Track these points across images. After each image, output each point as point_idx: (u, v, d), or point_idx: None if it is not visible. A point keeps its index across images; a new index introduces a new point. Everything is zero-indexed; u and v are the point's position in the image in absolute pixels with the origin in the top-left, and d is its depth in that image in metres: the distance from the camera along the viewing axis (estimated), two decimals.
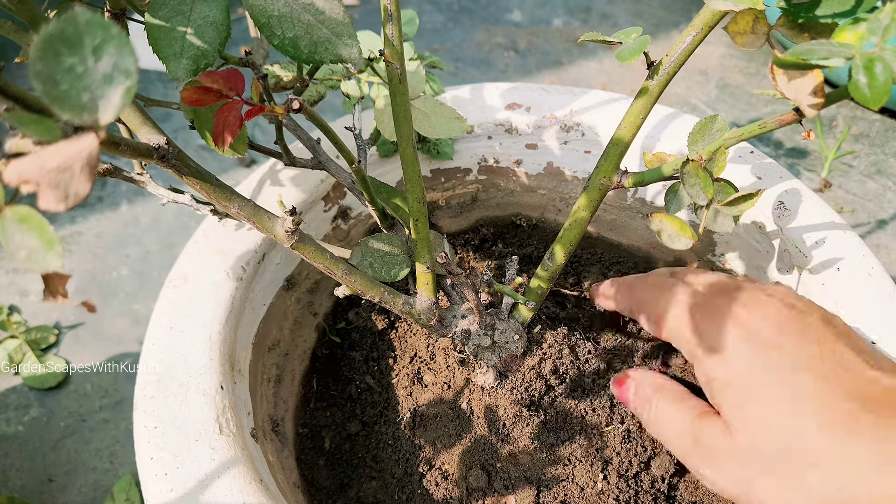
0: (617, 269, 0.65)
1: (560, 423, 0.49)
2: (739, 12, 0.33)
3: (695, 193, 0.37)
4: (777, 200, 0.51)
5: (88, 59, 0.20)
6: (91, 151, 0.20)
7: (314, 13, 0.34)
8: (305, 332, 0.59)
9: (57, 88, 0.19)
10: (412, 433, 0.54)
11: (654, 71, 0.39)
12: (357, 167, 0.40)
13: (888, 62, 0.27)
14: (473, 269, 0.41)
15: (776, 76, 0.32)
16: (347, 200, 0.59)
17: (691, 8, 1.29)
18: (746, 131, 0.36)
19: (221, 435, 0.41)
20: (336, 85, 0.50)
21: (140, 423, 0.42)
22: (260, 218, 0.38)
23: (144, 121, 0.35)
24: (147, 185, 0.46)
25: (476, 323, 0.47)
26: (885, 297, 0.46)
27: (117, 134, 0.32)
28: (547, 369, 0.49)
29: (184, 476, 0.39)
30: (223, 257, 0.49)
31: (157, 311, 0.47)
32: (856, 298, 0.46)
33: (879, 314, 0.45)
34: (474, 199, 0.65)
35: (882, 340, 0.44)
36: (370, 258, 0.45)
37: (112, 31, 0.20)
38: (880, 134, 1.04)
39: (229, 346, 0.46)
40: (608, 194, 0.62)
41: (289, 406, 0.55)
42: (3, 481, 0.74)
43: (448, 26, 1.25)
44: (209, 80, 0.31)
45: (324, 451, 0.56)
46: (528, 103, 0.60)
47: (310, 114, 0.34)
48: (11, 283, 0.91)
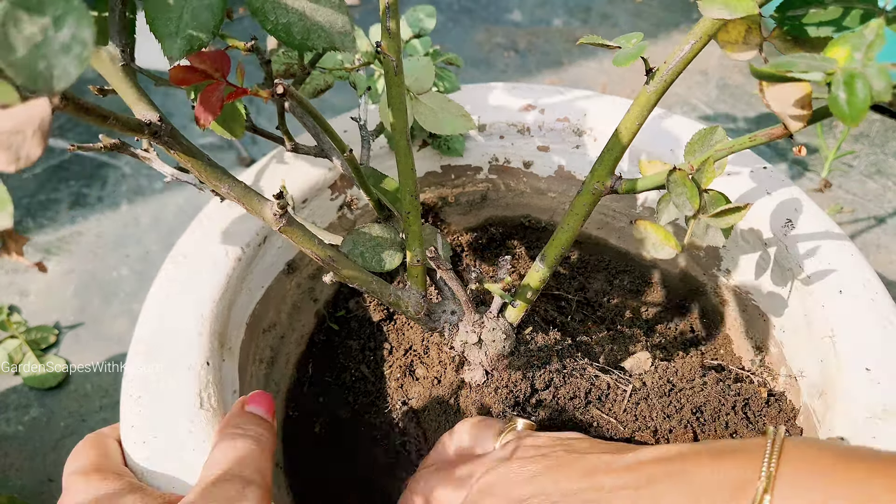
0: (624, 277, 0.64)
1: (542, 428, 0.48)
2: (731, 22, 0.32)
3: (681, 203, 0.36)
4: (785, 218, 0.50)
5: (49, 29, 0.21)
6: (44, 117, 0.21)
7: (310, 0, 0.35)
8: (304, 318, 0.60)
9: (14, 54, 0.20)
10: (400, 424, 0.54)
11: (652, 77, 0.38)
12: (349, 156, 0.41)
13: (868, 79, 0.26)
14: (466, 266, 0.42)
15: (763, 88, 0.31)
16: (355, 190, 0.59)
17: (691, 8, 1.27)
18: (737, 144, 0.35)
19: (201, 409, 0.42)
20: (345, 75, 0.50)
21: (126, 392, 0.43)
22: (250, 199, 0.39)
23: (140, 97, 0.36)
24: (153, 162, 0.47)
25: (464, 319, 0.47)
26: (885, 324, 0.44)
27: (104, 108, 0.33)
28: (533, 372, 0.48)
29: (160, 445, 0.41)
30: (224, 237, 0.51)
31: (156, 285, 0.48)
32: (855, 323, 0.45)
33: (879, 341, 0.44)
34: (484, 198, 0.65)
35: (879, 368, 0.43)
36: (361, 247, 0.45)
37: (73, 2, 0.21)
38: (880, 134, 1.02)
39: (221, 323, 0.47)
40: (617, 202, 0.62)
41: (280, 388, 0.56)
42: (3, 481, 0.74)
43: (448, 26, 1.25)
44: (197, 61, 0.31)
45: (313, 436, 0.56)
46: (543, 105, 0.60)
47: (297, 99, 0.35)
48: (11, 283, 0.91)
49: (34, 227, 0.97)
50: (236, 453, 0.37)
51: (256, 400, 0.42)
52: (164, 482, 0.40)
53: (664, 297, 0.62)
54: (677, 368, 0.53)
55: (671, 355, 0.57)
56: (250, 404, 0.41)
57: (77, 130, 1.09)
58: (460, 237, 0.66)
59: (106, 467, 0.39)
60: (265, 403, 0.42)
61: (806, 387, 0.48)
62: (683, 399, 0.50)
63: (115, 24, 0.36)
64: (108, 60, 0.36)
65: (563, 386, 0.49)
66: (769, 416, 0.49)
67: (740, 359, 0.56)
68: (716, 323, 0.59)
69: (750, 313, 0.55)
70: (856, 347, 0.44)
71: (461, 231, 0.66)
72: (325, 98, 0.55)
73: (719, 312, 0.58)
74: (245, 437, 0.38)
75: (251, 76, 1.08)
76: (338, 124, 0.57)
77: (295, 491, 0.53)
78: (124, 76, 0.36)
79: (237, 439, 0.38)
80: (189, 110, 1.10)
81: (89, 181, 1.02)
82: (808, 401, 0.48)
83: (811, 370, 0.48)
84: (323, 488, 0.54)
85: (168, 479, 0.40)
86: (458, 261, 0.65)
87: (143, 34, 0.37)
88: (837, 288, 0.46)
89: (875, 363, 0.43)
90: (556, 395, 0.49)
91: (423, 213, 0.64)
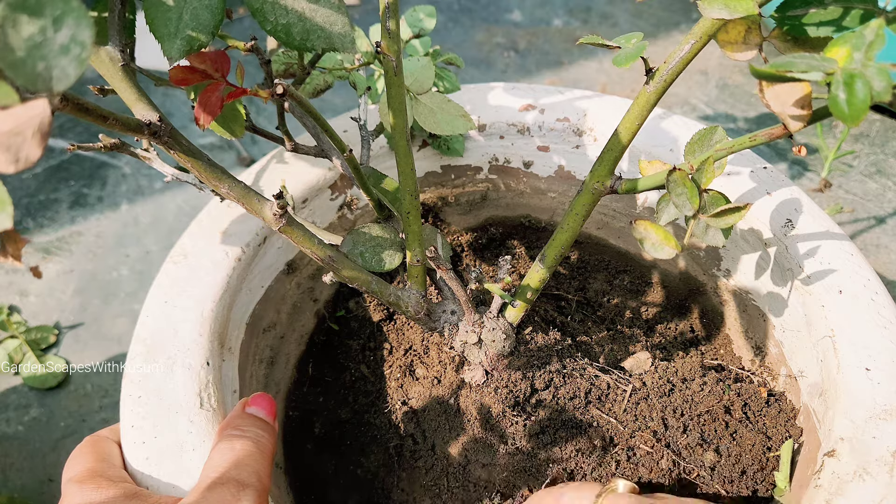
0: (624, 277, 0.64)
1: (542, 428, 0.48)
2: (731, 22, 0.32)
3: (681, 203, 0.36)
4: (785, 218, 0.50)
5: (48, 30, 0.21)
6: (43, 118, 0.21)
7: (309, 1, 0.35)
8: (304, 318, 0.60)
9: (13, 55, 0.20)
10: (400, 424, 0.54)
11: (652, 77, 0.38)
12: (349, 156, 0.41)
13: (868, 79, 0.26)
14: (466, 266, 0.42)
15: (763, 88, 0.31)
16: (355, 190, 0.59)
17: (691, 8, 1.27)
18: (737, 144, 0.35)
19: (202, 409, 0.42)
20: (344, 75, 0.50)
21: (126, 392, 0.43)
22: (249, 199, 0.39)
23: (140, 97, 0.36)
24: (153, 162, 0.47)
25: (464, 319, 0.47)
26: (885, 324, 0.44)
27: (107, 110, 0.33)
28: (533, 372, 0.48)
29: (160, 446, 0.41)
30: (224, 237, 0.51)
31: (155, 285, 0.48)
32: (855, 324, 0.45)
33: (879, 341, 0.44)
34: (484, 198, 0.65)
35: (879, 368, 0.43)
36: (361, 247, 0.45)
37: (72, 3, 0.21)
38: (880, 134, 1.02)
39: (220, 323, 0.47)
40: (617, 202, 0.62)
41: (280, 388, 0.56)
42: (3, 481, 0.74)
43: (448, 26, 1.25)
44: (197, 61, 0.31)
45: (313, 436, 0.56)
46: (543, 105, 0.60)
47: (297, 99, 0.35)
48: (11, 283, 0.91)
49: (34, 227, 0.97)
50: (234, 455, 0.37)
51: (257, 401, 0.42)
52: (163, 482, 0.40)
53: (664, 297, 0.62)
54: (677, 368, 0.53)
55: (671, 355, 0.57)
56: (251, 406, 0.41)
57: (77, 130, 1.09)
58: (460, 237, 0.66)
59: (102, 473, 0.39)
60: (266, 405, 0.42)
61: (806, 387, 0.48)
62: (683, 399, 0.50)
63: (115, 25, 0.36)
64: (107, 60, 0.36)
65: (562, 386, 0.49)
66: (769, 416, 0.49)
67: (740, 359, 0.56)
68: (716, 323, 0.59)
69: (750, 313, 0.55)
70: (856, 347, 0.44)
71: (461, 231, 0.66)
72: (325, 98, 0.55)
73: (719, 312, 0.58)
74: (244, 439, 0.38)
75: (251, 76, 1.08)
76: (338, 124, 0.57)
77: (295, 491, 0.53)
78: (124, 76, 0.36)
79: (236, 441, 0.38)
80: (189, 110, 1.10)
81: (89, 181, 1.02)
82: (807, 401, 0.48)
83: (811, 370, 0.48)
84: (323, 488, 0.54)
85: (168, 480, 0.40)
86: (458, 261, 0.65)
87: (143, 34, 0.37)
88: (837, 288, 0.46)
89: (875, 363, 0.43)
90: (556, 395, 0.49)
91: (423, 213, 0.64)
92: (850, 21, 0.28)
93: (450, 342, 0.49)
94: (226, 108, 0.43)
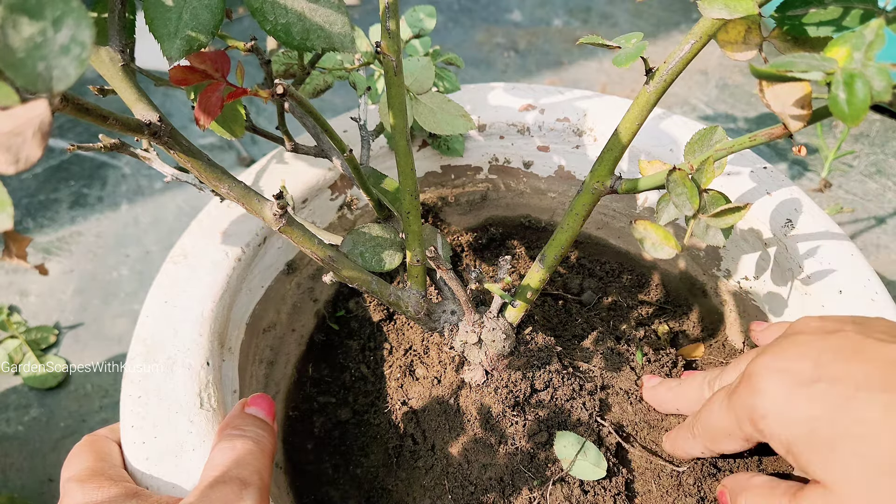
0: (624, 277, 0.64)
1: (542, 428, 0.48)
2: (731, 22, 0.32)
3: (681, 203, 0.36)
4: (785, 218, 0.50)
5: (48, 30, 0.21)
6: (43, 118, 0.21)
7: (309, 0, 0.35)
8: (304, 318, 0.60)
9: (14, 56, 0.20)
10: (400, 424, 0.54)
11: (652, 77, 0.38)
12: (349, 156, 0.41)
13: (868, 79, 0.26)
14: (466, 266, 0.42)
15: (763, 87, 0.31)
16: (355, 190, 0.59)
17: (691, 8, 1.27)
18: (737, 143, 0.35)
19: (201, 409, 0.42)
20: (344, 75, 0.50)
21: (126, 392, 0.43)
22: (249, 200, 0.39)
23: (140, 97, 0.35)
24: (153, 162, 0.47)
25: (464, 319, 0.47)
26: None
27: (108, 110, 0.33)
28: (533, 372, 0.48)
29: (160, 445, 0.41)
30: (224, 237, 0.51)
31: (155, 285, 0.48)
32: None
33: None
34: (484, 198, 0.65)
35: None
36: (361, 247, 0.45)
37: (72, 3, 0.21)
38: (880, 134, 1.02)
39: (220, 323, 0.47)
40: (617, 202, 0.62)
41: (280, 388, 0.56)
42: (3, 481, 0.74)
43: (448, 26, 1.25)
44: (197, 61, 0.31)
45: (313, 436, 0.56)
46: (543, 105, 0.60)
47: (297, 99, 0.35)
48: (11, 283, 0.91)
49: (34, 227, 0.97)
50: (235, 454, 0.37)
51: (257, 402, 0.42)
52: (164, 482, 0.40)
53: (664, 297, 0.62)
54: (677, 369, 0.53)
55: (671, 355, 0.57)
56: (251, 406, 0.41)
57: (77, 130, 1.09)
58: (460, 237, 0.66)
59: (102, 472, 0.39)
60: (265, 405, 0.42)
61: None
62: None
63: (115, 25, 0.36)
64: (107, 61, 0.36)
65: (562, 386, 0.49)
66: None
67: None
68: (716, 323, 0.59)
69: (750, 313, 0.55)
70: None
71: (461, 231, 0.66)
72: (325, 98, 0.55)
73: (719, 312, 0.58)
74: (244, 438, 0.38)
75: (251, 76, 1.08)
76: (338, 124, 0.57)
77: (295, 491, 0.53)
78: (124, 76, 0.36)
79: (236, 440, 0.38)
80: (189, 110, 1.10)
81: (89, 181, 1.02)
82: None
83: None
84: (323, 488, 0.54)
85: (168, 479, 0.40)
86: (458, 261, 0.65)
87: (143, 34, 0.37)
88: (837, 288, 0.46)
89: None
90: (556, 395, 0.49)
91: (423, 213, 0.64)
92: (850, 21, 0.28)
93: (450, 342, 0.49)
94: (226, 108, 0.43)
